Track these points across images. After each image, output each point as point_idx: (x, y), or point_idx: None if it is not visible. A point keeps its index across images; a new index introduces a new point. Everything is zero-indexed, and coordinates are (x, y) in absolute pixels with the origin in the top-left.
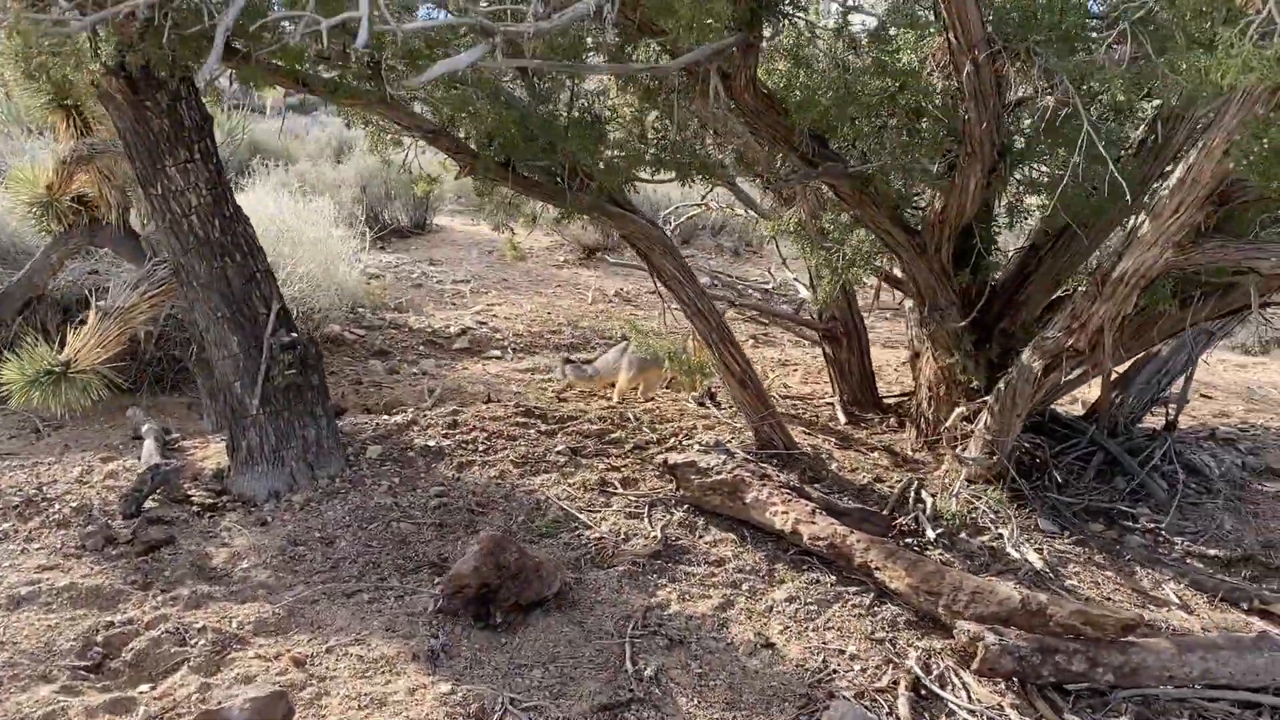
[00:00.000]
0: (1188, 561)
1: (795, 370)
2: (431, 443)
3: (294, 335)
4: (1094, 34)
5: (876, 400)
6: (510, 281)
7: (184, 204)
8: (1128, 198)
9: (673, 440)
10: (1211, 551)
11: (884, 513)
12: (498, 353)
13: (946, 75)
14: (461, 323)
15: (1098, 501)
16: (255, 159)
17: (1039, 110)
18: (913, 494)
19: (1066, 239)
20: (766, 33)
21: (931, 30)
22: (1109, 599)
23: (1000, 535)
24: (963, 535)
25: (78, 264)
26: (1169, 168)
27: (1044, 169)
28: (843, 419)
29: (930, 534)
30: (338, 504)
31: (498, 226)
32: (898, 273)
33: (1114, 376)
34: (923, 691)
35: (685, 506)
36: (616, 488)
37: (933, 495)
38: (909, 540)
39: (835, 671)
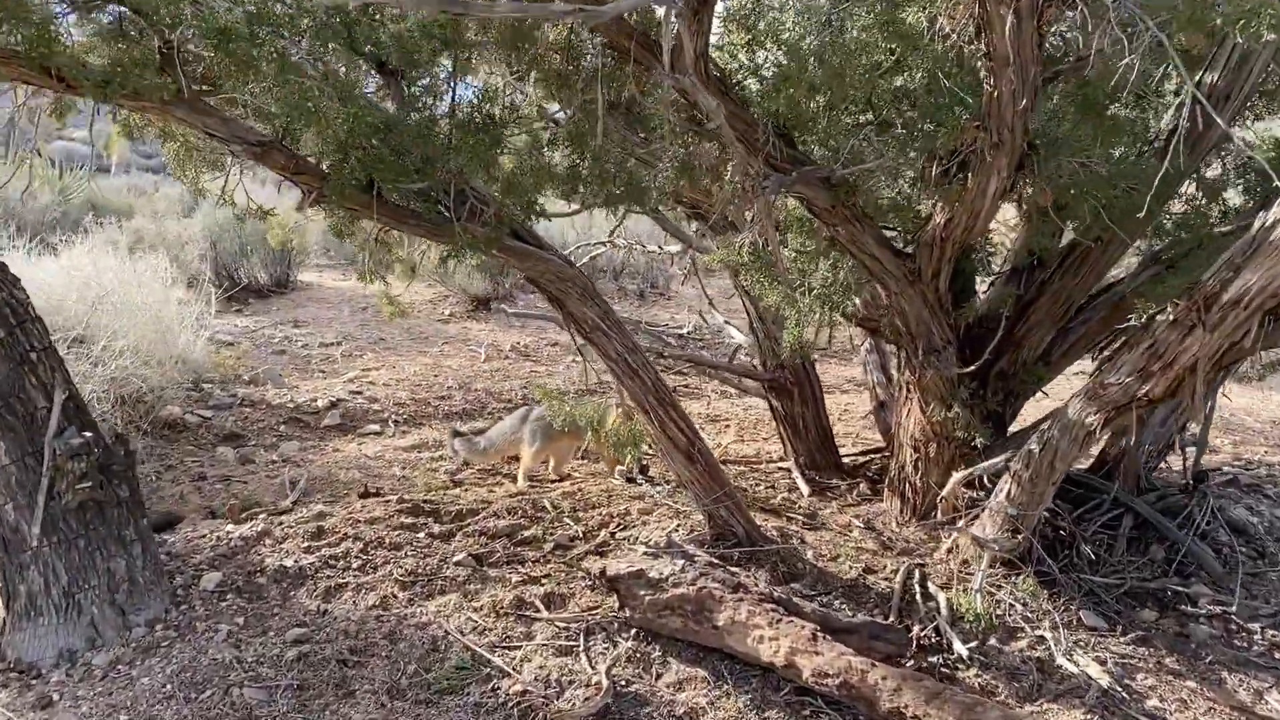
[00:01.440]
0: (1278, 657)
1: (728, 426)
2: (289, 561)
3: (88, 435)
4: None
5: (838, 461)
6: (389, 341)
7: None
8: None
9: (603, 534)
10: None
11: (897, 623)
12: (376, 428)
13: (967, 39)
14: (331, 393)
15: (1141, 580)
16: (89, 217)
17: (1079, 83)
18: (917, 588)
19: (1078, 256)
20: None
21: None
22: None
23: (1042, 639)
24: (993, 642)
25: None
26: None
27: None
28: (805, 489)
29: (960, 649)
30: (157, 664)
31: (365, 275)
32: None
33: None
34: None
35: (634, 631)
36: (539, 609)
37: (944, 589)
38: (933, 660)
39: None
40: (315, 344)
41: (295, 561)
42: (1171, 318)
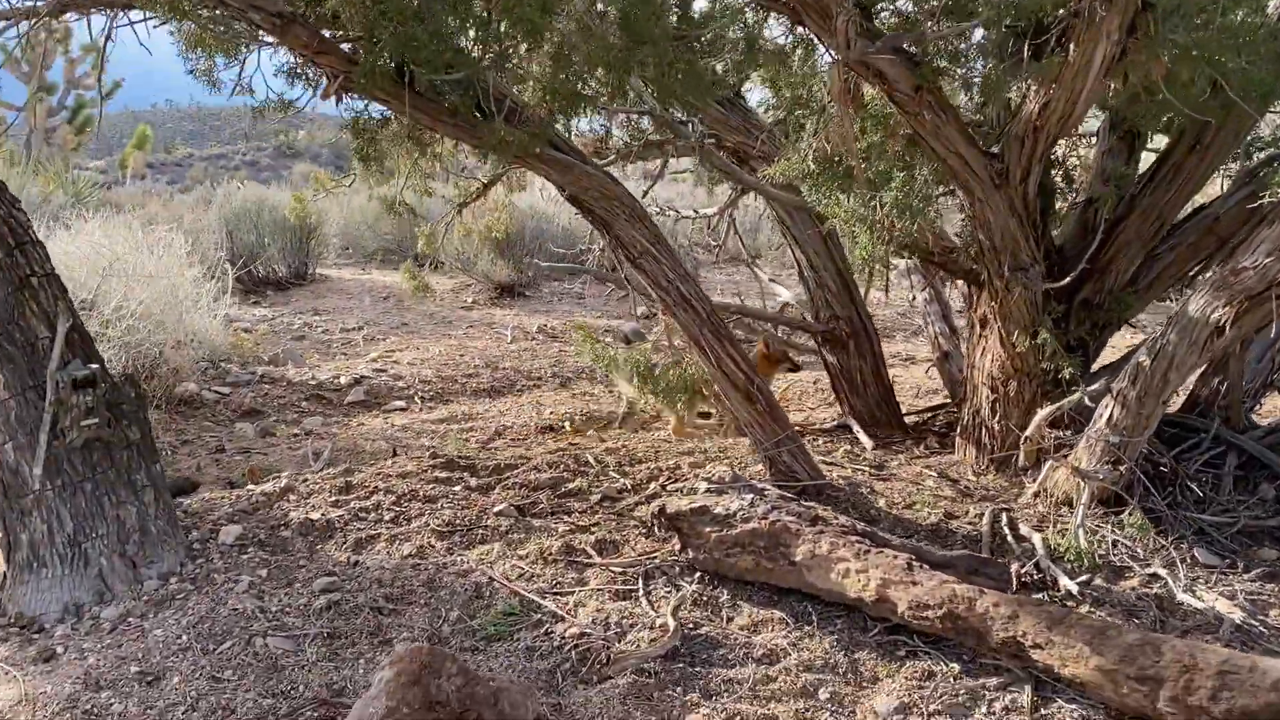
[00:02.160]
0: None
1: None
2: (316, 515)
3: (93, 366)
4: None
5: (899, 418)
6: (411, 326)
7: None
8: None
9: (653, 486)
10: None
11: (997, 559)
12: (402, 404)
13: None
14: (355, 371)
15: (1255, 519)
16: (104, 209)
17: None
18: (1007, 530)
19: (1171, 168)
20: None
21: None
22: None
23: (1156, 576)
24: (1099, 581)
25: None
26: None
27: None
28: (868, 443)
29: (1068, 584)
30: (172, 616)
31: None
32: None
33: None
34: None
35: (697, 574)
36: (591, 555)
37: (1037, 530)
38: (1038, 597)
39: None
40: (336, 329)
41: (322, 515)
42: None
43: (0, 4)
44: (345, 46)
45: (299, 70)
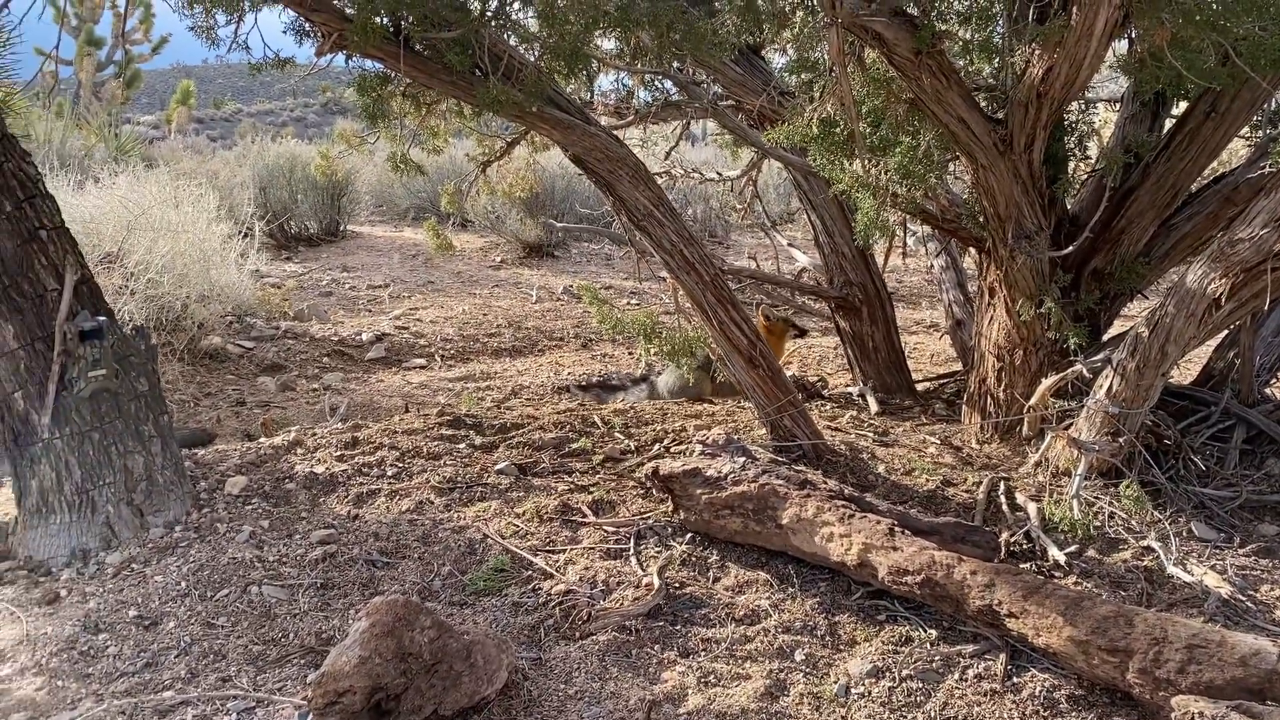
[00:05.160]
0: None
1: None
2: (320, 469)
3: (101, 319)
4: None
5: (910, 384)
6: (438, 284)
7: None
8: None
9: (657, 448)
10: None
11: (986, 528)
12: (422, 361)
13: None
14: (377, 328)
15: (1259, 494)
16: (141, 165)
17: None
18: (1003, 499)
19: (1186, 135)
20: None
21: None
22: None
23: (1149, 549)
24: (1091, 553)
25: None
26: None
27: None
28: (874, 407)
29: (1057, 554)
30: (174, 563)
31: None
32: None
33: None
34: None
35: (688, 536)
36: (586, 515)
37: (1034, 500)
38: (1025, 567)
39: None
40: (363, 286)
41: (327, 469)
42: None
43: None
44: (341, 3)
45: (305, 28)
